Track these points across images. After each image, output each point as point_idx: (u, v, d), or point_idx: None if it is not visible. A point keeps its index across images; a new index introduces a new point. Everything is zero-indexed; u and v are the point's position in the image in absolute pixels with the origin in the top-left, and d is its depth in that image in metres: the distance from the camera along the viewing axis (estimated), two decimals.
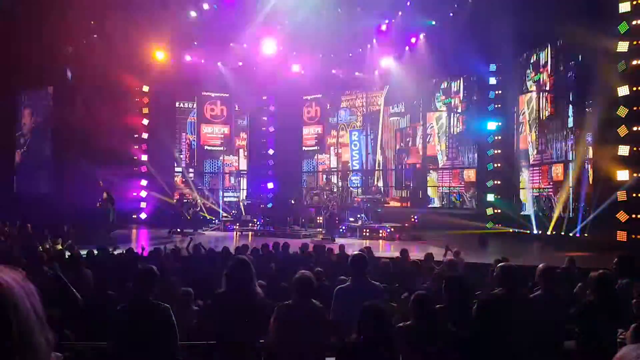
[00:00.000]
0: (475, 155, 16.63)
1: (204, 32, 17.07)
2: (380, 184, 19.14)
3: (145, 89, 18.82)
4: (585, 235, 12.13)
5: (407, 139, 18.57)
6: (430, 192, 17.93)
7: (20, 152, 20.47)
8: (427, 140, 17.94)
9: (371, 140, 19.52)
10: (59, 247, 10.03)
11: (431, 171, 17.91)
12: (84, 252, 8.52)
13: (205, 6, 16.57)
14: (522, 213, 14.88)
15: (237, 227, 16.70)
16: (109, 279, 5.62)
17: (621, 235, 10.90)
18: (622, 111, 11.07)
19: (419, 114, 18.20)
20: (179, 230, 15.51)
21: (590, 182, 12.25)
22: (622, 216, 10.94)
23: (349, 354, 2.90)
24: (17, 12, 15.39)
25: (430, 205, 17.64)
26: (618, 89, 11.17)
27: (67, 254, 8.15)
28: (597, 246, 10.77)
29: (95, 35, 16.67)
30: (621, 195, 11.01)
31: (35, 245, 9.13)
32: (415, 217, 16.63)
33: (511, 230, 14.81)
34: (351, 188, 19.15)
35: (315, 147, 20.65)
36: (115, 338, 3.36)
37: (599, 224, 11.60)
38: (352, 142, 20.02)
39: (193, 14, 16.41)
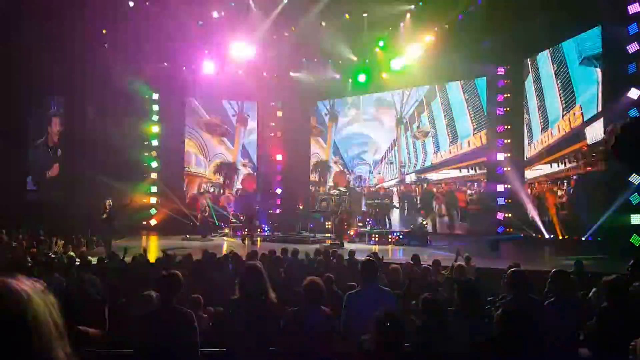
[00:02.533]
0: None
1: (212, 39, 17.22)
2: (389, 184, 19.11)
3: (155, 96, 19.00)
4: (599, 239, 11.98)
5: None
6: None
7: (33, 160, 20.68)
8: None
9: None
10: (71, 254, 10.10)
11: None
12: (94, 259, 8.58)
13: (215, 14, 16.73)
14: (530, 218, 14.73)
15: (246, 232, 16.73)
16: (119, 286, 5.65)
17: (635, 239, 10.78)
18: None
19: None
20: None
21: (602, 185, 12.11)
22: (635, 219, 10.83)
23: None
24: (29, 21, 15.63)
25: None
26: (632, 89, 11.10)
27: (78, 261, 8.22)
28: (610, 250, 10.65)
29: (105, 44, 16.87)
30: (634, 198, 10.89)
31: (46, 253, 9.21)
32: (424, 221, 16.55)
33: (522, 234, 14.68)
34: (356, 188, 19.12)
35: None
36: (139, 343, 3.37)
37: (611, 227, 11.46)
38: None
39: (215, 14, 16.59)
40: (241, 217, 18.28)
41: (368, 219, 16.59)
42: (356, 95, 19.51)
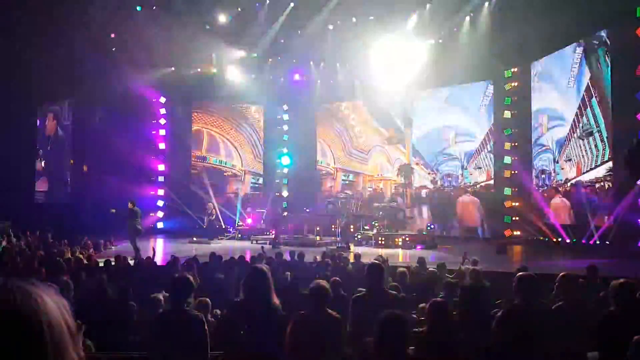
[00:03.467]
0: (492, 162, 16.41)
1: (218, 42, 17.32)
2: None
3: (162, 100, 19.12)
4: (607, 242, 11.88)
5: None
6: None
7: (42, 162, 20.89)
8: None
9: None
10: (78, 255, 10.16)
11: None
12: (101, 261, 8.66)
13: (222, 18, 16.82)
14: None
15: (253, 235, 16.75)
16: (127, 288, 5.68)
17: None
18: None
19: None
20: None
21: (611, 186, 12.02)
22: None
23: None
24: (36, 24, 15.78)
25: None
26: None
27: (85, 262, 8.29)
28: (619, 253, 10.56)
29: (114, 48, 17.01)
30: None
31: (55, 255, 9.28)
32: (432, 224, 16.49)
33: (529, 238, 14.58)
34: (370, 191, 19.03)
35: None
36: (150, 346, 3.39)
37: (621, 230, 11.37)
38: None
39: (223, 18, 16.68)
40: (249, 219, 18.27)
41: (375, 222, 16.52)
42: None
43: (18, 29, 15.79)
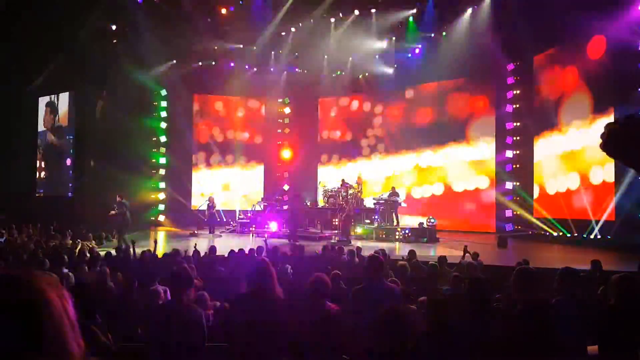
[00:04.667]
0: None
1: (219, 34, 17.26)
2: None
3: (164, 92, 19.08)
4: (608, 237, 11.89)
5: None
6: None
7: (42, 155, 20.88)
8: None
9: None
10: (80, 248, 10.20)
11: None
12: (102, 251, 8.68)
13: (224, 11, 16.74)
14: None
15: (253, 229, 16.78)
16: (132, 280, 5.70)
17: None
18: None
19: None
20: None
21: (612, 182, 12.00)
22: None
23: None
24: (38, 15, 15.72)
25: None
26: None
27: (87, 256, 8.31)
28: (619, 248, 10.57)
29: (114, 40, 16.95)
30: None
31: (57, 247, 9.31)
32: (432, 218, 16.48)
33: (530, 232, 14.59)
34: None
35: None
36: (149, 339, 3.40)
37: (621, 225, 11.37)
38: None
39: (224, 11, 16.58)
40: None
41: (374, 216, 16.52)
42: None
43: (18, 19, 15.73)
